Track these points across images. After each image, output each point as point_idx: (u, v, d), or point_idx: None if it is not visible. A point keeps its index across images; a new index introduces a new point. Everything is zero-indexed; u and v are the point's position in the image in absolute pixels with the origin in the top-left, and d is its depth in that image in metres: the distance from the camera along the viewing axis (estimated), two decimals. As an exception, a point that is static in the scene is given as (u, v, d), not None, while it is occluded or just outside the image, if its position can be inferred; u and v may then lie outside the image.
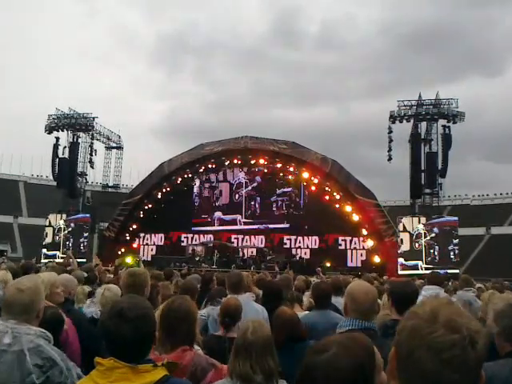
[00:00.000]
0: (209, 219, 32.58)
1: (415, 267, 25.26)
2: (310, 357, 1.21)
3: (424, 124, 28.22)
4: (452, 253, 25.49)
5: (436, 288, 5.29)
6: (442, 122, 27.53)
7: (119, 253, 29.46)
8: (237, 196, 32.36)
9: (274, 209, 31.48)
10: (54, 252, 29.75)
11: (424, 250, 25.79)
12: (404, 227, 26.41)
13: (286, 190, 31.23)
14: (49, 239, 30.80)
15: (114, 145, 37.68)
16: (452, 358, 1.02)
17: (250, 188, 32.13)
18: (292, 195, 31.07)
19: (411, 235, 26.07)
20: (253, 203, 32.09)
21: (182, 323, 2.81)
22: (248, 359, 2.55)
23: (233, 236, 31.60)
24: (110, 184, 38.33)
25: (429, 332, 1.05)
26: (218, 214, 32.63)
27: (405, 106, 28.30)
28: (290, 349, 3.22)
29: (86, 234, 30.02)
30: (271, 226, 30.99)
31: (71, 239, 30.10)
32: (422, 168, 27.32)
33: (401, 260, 25.76)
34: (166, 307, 2.92)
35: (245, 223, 31.88)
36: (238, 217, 32.07)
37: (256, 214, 31.87)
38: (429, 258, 25.66)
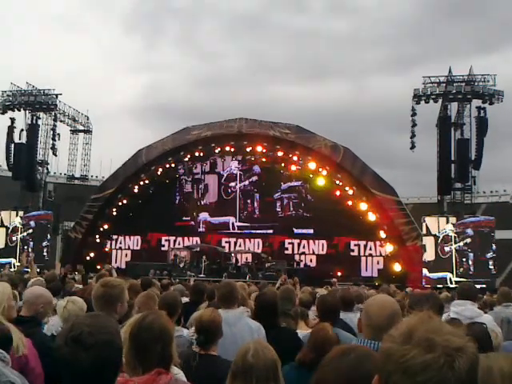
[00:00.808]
0: (192, 223, 32.38)
1: (443, 281, 24.72)
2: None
3: (455, 105, 28.28)
4: (491, 262, 25.07)
5: (468, 303, 5.28)
6: (476, 102, 27.60)
7: (87, 258, 29.47)
8: (229, 191, 32.22)
9: (278, 209, 31.36)
10: (7, 260, 27.95)
11: (454, 259, 25.24)
12: (428, 229, 25.99)
13: (293, 183, 31.02)
14: (0, 243, 30.04)
15: (81, 128, 37.60)
16: (427, 381, 1.08)
17: (246, 182, 32.01)
18: (301, 191, 30.95)
19: (437, 239, 25.65)
20: (249, 201, 31.84)
21: (156, 343, 2.80)
22: None
23: (224, 239, 31.62)
24: (77, 175, 38.27)
25: (401, 355, 1.12)
26: (203, 215, 32.36)
27: (432, 83, 28.32)
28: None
29: (48, 236, 29.87)
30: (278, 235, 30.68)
31: (30, 242, 29.72)
32: (452, 158, 27.38)
33: (424, 271, 25.29)
34: (136, 325, 2.91)
35: (239, 227, 31.62)
36: (231, 219, 31.78)
37: (254, 215, 31.71)
38: (460, 269, 25.06)
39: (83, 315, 2.70)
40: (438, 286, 23.36)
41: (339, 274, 26.43)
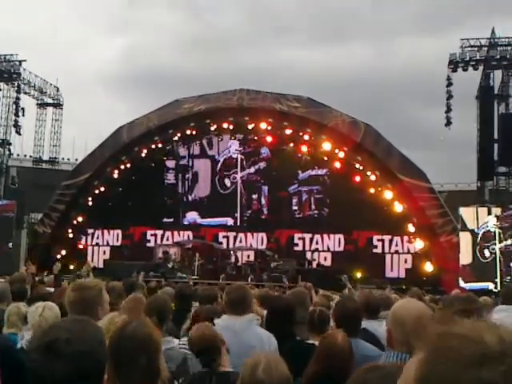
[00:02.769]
0: (177, 224, 32.15)
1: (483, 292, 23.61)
2: None
3: (498, 73, 28.24)
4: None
5: (513, 309, 5.32)
6: (524, 69, 27.57)
7: (58, 256, 29.54)
8: (226, 183, 32.00)
9: (295, 207, 30.83)
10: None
11: (498, 263, 23.84)
12: (463, 223, 25.03)
13: (315, 172, 30.34)
14: None
15: (50, 101, 37.64)
16: None
17: (251, 170, 31.42)
18: (326, 181, 30.39)
19: (475, 237, 24.47)
20: (255, 197, 31.51)
21: (139, 355, 2.79)
22: None
23: (221, 234, 31.65)
24: (45, 158, 38.35)
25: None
26: (191, 215, 32.03)
27: (471, 46, 28.25)
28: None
29: (12, 232, 29.93)
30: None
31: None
32: (495, 137, 27.36)
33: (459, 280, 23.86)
34: (116, 334, 2.91)
35: (239, 229, 31.22)
36: (229, 221, 31.44)
37: (261, 215, 31.30)
38: (508, 278, 23.46)
39: (63, 319, 2.72)
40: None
41: (359, 274, 26.51)
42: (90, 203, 31.99)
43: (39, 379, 2.02)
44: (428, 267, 27.17)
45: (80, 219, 32.15)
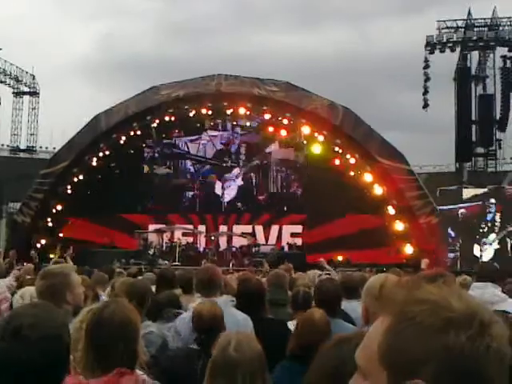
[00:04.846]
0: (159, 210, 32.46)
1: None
2: None
3: (475, 54, 28.36)
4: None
5: (488, 285, 5.37)
6: (501, 51, 27.71)
7: (38, 246, 29.37)
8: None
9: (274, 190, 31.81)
10: None
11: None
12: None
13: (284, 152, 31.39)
14: None
15: (27, 89, 37.27)
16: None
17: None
18: (296, 164, 31.38)
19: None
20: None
21: (118, 339, 2.77)
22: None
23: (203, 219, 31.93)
24: (22, 147, 38.02)
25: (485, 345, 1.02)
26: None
27: (448, 28, 28.33)
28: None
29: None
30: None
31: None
32: (473, 118, 27.52)
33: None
34: (93, 317, 2.88)
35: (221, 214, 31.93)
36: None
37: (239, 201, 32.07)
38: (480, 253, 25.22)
39: (25, 305, 2.70)
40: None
41: (340, 258, 26.63)
42: (70, 192, 31.76)
43: (6, 366, 1.99)
44: (408, 249, 27.32)
45: (59, 208, 31.91)
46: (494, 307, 4.55)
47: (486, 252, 25.31)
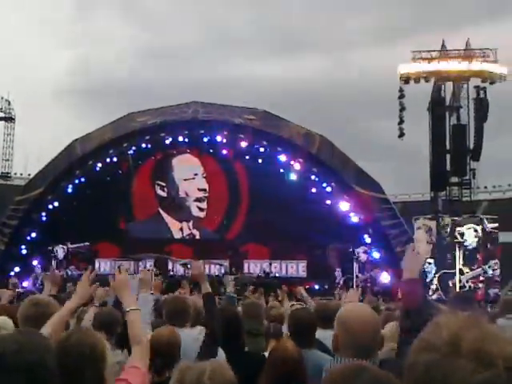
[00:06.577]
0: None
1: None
2: None
3: (449, 85, 28.63)
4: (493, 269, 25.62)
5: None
6: (474, 81, 27.99)
7: (12, 273, 29.01)
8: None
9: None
10: None
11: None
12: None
13: None
14: None
15: (2, 114, 37.10)
16: None
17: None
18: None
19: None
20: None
21: (84, 368, 2.73)
22: None
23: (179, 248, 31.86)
24: (-3, 173, 37.72)
25: (451, 370, 1.06)
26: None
27: (422, 58, 28.63)
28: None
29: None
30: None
31: None
32: (447, 147, 27.74)
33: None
34: (61, 344, 2.82)
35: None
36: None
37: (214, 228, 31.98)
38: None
39: (7, 333, 2.65)
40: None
41: (316, 286, 26.60)
42: (44, 218, 31.48)
43: None
44: (384, 278, 27.33)
45: (34, 235, 31.58)
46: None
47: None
